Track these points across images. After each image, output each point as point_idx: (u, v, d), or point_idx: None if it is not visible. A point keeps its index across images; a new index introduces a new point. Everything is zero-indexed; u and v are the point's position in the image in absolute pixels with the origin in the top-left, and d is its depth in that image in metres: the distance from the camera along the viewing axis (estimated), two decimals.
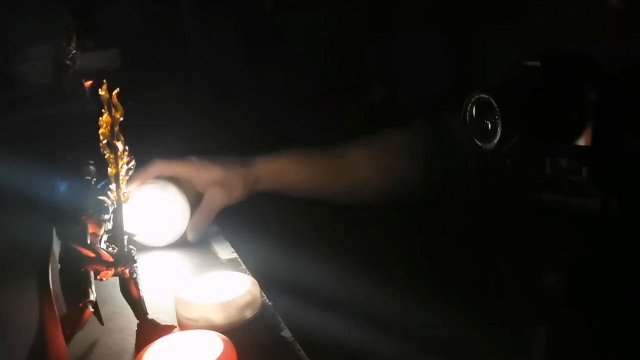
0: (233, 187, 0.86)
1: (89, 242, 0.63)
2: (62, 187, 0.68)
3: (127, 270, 0.62)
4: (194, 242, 0.85)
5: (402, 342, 1.00)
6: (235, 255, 0.82)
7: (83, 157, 0.73)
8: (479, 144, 0.57)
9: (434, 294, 1.12)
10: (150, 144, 0.90)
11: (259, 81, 1.56)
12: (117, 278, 0.63)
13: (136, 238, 0.77)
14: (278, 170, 0.91)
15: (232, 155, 0.91)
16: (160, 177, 0.85)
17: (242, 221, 0.98)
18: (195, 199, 0.88)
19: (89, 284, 0.62)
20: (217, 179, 0.86)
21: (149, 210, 0.82)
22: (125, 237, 0.63)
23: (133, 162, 0.63)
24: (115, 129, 0.60)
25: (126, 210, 0.63)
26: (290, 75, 1.56)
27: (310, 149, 0.95)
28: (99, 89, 0.59)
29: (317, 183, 0.94)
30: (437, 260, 1.24)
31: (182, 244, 0.87)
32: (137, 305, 0.63)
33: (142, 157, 0.89)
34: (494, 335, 0.95)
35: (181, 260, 0.84)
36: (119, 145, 0.61)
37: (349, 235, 1.31)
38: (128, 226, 0.64)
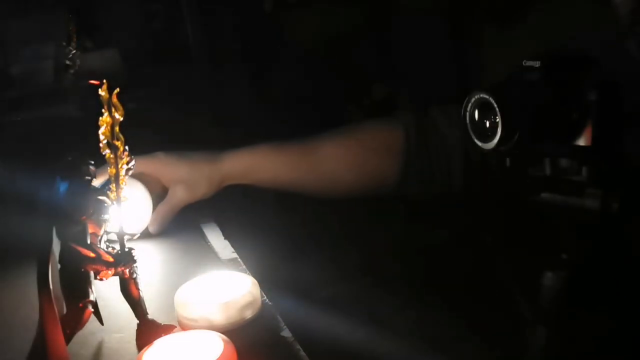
0: (197, 186, 0.87)
1: (89, 242, 0.63)
2: (62, 187, 0.68)
3: (127, 270, 0.62)
4: (155, 234, 0.88)
5: (402, 342, 1.00)
6: (235, 255, 0.82)
7: (83, 157, 0.73)
8: (479, 144, 0.57)
9: (433, 294, 1.12)
10: (149, 144, 0.91)
11: (259, 82, 1.56)
12: (117, 278, 0.63)
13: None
14: (246, 166, 0.91)
15: (202, 151, 0.91)
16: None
17: (242, 221, 0.99)
18: (161, 194, 0.89)
19: (89, 284, 0.62)
20: (182, 177, 0.87)
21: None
22: (125, 237, 0.63)
23: (133, 162, 0.63)
24: (115, 129, 0.60)
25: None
26: (290, 75, 1.56)
27: (283, 143, 0.95)
28: (99, 89, 0.59)
29: (290, 177, 0.93)
30: (437, 260, 1.24)
31: (182, 243, 0.88)
32: (137, 305, 0.63)
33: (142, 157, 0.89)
34: (494, 335, 0.95)
35: (181, 260, 0.84)
36: (119, 145, 0.61)
37: (349, 236, 1.31)
38: (128, 226, 0.64)
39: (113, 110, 0.59)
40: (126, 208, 0.83)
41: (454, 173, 0.90)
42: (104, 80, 0.60)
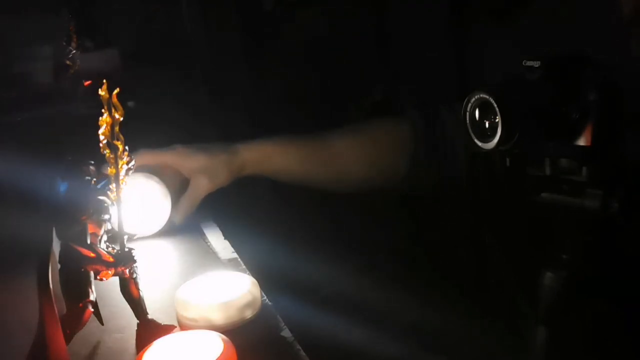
0: (217, 174, 0.89)
1: (89, 242, 0.63)
2: (62, 187, 0.68)
3: (127, 270, 0.62)
4: (178, 225, 0.89)
5: (402, 342, 1.00)
6: (235, 255, 0.82)
7: (83, 157, 0.73)
8: (479, 144, 0.57)
9: (434, 294, 1.12)
10: (149, 144, 0.91)
11: (259, 81, 1.56)
12: (117, 278, 0.63)
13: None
14: (263, 157, 0.93)
15: (218, 143, 0.92)
16: (145, 167, 0.88)
17: (242, 221, 0.99)
18: (181, 186, 0.90)
19: (89, 284, 0.62)
20: (202, 167, 0.89)
21: (132, 200, 0.83)
22: (125, 237, 0.63)
23: (133, 162, 0.63)
24: (115, 129, 0.60)
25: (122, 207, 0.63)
26: (290, 75, 1.56)
27: (297, 137, 0.96)
28: (99, 89, 0.59)
29: (302, 170, 0.95)
30: (437, 260, 1.24)
31: (182, 243, 0.88)
32: (137, 305, 0.63)
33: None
34: (494, 335, 0.95)
35: (181, 260, 0.84)
36: (119, 145, 0.61)
37: (349, 236, 1.31)
38: (127, 225, 0.64)
39: (113, 110, 0.59)
40: (145, 205, 0.86)
41: (461, 171, 0.91)
42: (104, 80, 0.60)
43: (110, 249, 0.64)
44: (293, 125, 0.98)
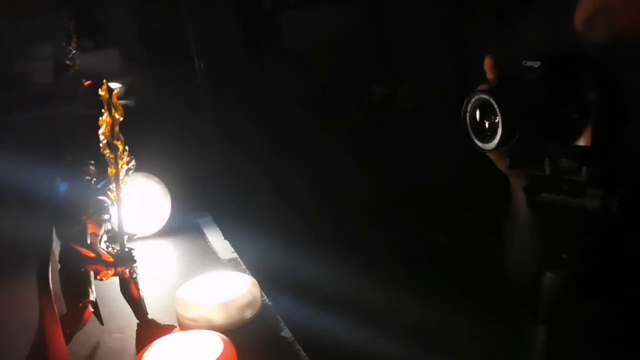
0: None
1: (89, 242, 0.63)
2: (62, 187, 0.68)
3: (127, 270, 0.62)
4: None
5: (402, 342, 1.00)
6: (235, 255, 0.82)
7: (83, 157, 0.73)
8: (479, 144, 0.57)
9: (434, 294, 1.12)
10: (149, 144, 0.91)
11: (259, 81, 1.56)
12: (117, 278, 0.63)
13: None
14: None
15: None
16: None
17: (242, 221, 0.99)
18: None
19: (89, 284, 0.62)
20: None
21: (132, 200, 0.83)
22: (125, 237, 0.63)
23: (133, 162, 0.63)
24: (115, 129, 0.60)
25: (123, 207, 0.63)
26: (290, 75, 1.56)
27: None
28: (99, 89, 0.59)
29: None
30: (437, 261, 1.25)
31: (182, 243, 0.88)
32: (137, 305, 0.63)
33: (142, 156, 0.89)
34: (494, 335, 0.95)
35: (181, 260, 0.84)
36: (119, 145, 0.61)
37: (349, 236, 1.31)
38: (127, 225, 0.64)
39: (113, 110, 0.59)
40: (145, 205, 0.86)
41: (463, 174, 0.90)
42: (104, 80, 0.60)
43: (110, 249, 0.64)
44: (293, 125, 0.98)
